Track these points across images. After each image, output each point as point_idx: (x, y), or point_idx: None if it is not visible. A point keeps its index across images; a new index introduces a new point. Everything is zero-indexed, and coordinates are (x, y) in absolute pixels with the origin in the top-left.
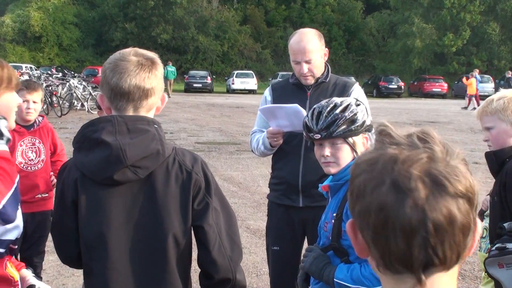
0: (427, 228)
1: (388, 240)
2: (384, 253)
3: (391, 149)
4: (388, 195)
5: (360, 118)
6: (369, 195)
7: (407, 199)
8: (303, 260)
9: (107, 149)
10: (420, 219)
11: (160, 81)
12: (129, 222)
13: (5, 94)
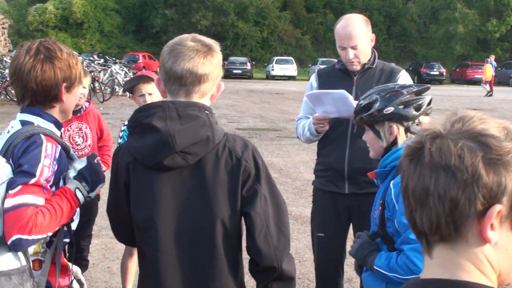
0: None
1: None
2: None
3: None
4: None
5: (376, 106)
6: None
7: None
8: (352, 246)
9: (157, 134)
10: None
11: (216, 68)
12: (178, 207)
13: (77, 88)
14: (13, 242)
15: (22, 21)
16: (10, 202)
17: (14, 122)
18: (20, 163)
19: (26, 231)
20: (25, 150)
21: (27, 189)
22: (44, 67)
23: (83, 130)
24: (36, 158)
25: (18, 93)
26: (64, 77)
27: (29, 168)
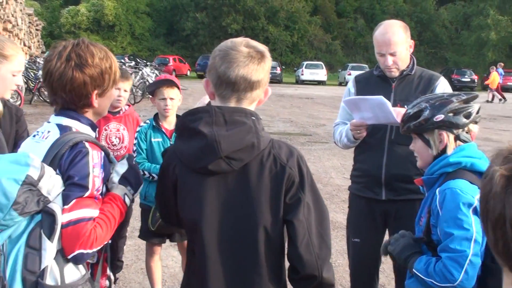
0: None
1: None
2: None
3: None
4: None
5: (426, 115)
6: None
7: None
8: (392, 243)
9: (203, 139)
10: None
11: (267, 74)
12: (221, 211)
13: (110, 91)
14: (75, 257)
15: (54, 23)
16: (67, 217)
17: (49, 126)
18: (70, 175)
19: (87, 246)
20: (72, 160)
21: (82, 203)
22: (74, 75)
23: (121, 131)
24: (85, 169)
25: (50, 97)
26: (95, 85)
27: (81, 180)
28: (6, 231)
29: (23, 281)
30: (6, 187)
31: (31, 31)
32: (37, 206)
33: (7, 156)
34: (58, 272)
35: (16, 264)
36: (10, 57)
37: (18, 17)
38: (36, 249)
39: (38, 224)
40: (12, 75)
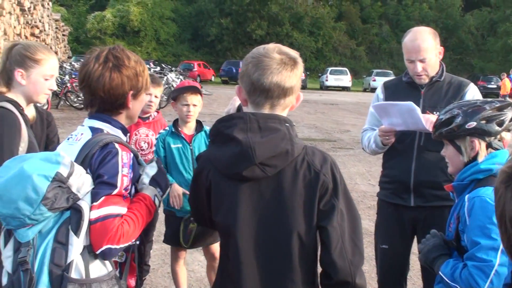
0: None
1: None
2: None
3: None
4: None
5: (458, 121)
6: None
7: None
8: (423, 241)
9: (237, 146)
10: None
11: (299, 80)
12: (255, 217)
13: (143, 94)
14: (103, 252)
15: (80, 29)
16: (96, 214)
17: (82, 129)
18: (100, 173)
19: (115, 241)
20: (103, 160)
21: (110, 200)
22: (112, 75)
23: (149, 137)
24: (115, 168)
25: (87, 99)
26: (131, 85)
27: (110, 178)
28: (37, 226)
29: (50, 274)
30: (37, 182)
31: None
32: (67, 203)
33: (38, 154)
34: (83, 266)
35: (44, 258)
36: (42, 61)
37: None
38: (63, 244)
39: (67, 220)
40: (44, 79)
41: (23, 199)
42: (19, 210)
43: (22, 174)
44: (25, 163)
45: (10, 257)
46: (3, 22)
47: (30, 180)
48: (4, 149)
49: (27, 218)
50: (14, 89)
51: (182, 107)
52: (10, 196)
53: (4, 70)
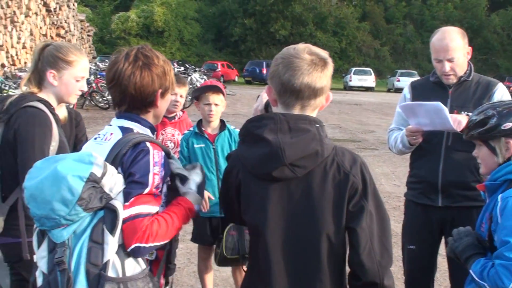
0: None
1: None
2: None
3: None
4: None
5: (493, 122)
6: None
7: None
8: (456, 239)
9: (267, 146)
10: None
11: (329, 81)
12: (284, 217)
13: (169, 93)
14: (132, 250)
15: (105, 29)
16: (127, 213)
17: (111, 128)
18: (131, 172)
19: (143, 240)
20: (134, 159)
21: (141, 199)
22: (142, 73)
23: (175, 136)
24: (146, 167)
25: (116, 98)
26: (160, 84)
27: (141, 178)
28: (71, 226)
29: (87, 274)
30: (72, 183)
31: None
32: (100, 203)
33: (71, 155)
34: (119, 265)
35: (80, 257)
36: (74, 62)
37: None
38: (99, 243)
39: (101, 220)
40: (75, 80)
41: (59, 200)
42: (54, 211)
43: (56, 175)
44: (59, 164)
45: (44, 258)
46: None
47: (65, 181)
48: (36, 148)
49: (63, 219)
50: (46, 89)
51: (204, 107)
52: (45, 197)
53: (36, 70)
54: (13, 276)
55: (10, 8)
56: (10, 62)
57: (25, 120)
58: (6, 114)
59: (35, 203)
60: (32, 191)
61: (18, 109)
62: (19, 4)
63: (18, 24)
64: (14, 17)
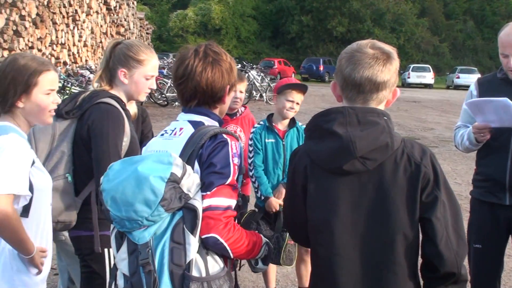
0: None
1: None
2: None
3: None
4: None
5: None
6: None
7: None
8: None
9: (337, 140)
10: None
11: (394, 75)
12: (356, 210)
13: (233, 90)
14: (207, 239)
15: (163, 27)
16: (207, 202)
17: (180, 123)
18: (212, 162)
19: (222, 233)
20: (213, 150)
21: (222, 191)
22: (214, 69)
23: (238, 133)
24: (226, 158)
25: (186, 94)
26: (228, 80)
27: (223, 168)
28: (152, 227)
29: (171, 274)
30: (154, 184)
31: (141, 34)
32: (180, 203)
33: (150, 156)
34: (202, 264)
35: (163, 258)
36: (144, 61)
37: (130, 21)
38: (180, 243)
39: (180, 220)
40: (145, 79)
41: (141, 201)
42: (137, 212)
43: (138, 176)
44: (138, 165)
45: (125, 260)
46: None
47: (148, 182)
48: (110, 143)
49: (145, 220)
50: (117, 87)
51: (286, 102)
52: (126, 199)
53: (107, 68)
54: (83, 268)
55: (72, 7)
56: (71, 60)
57: (99, 116)
58: (79, 110)
59: (116, 205)
60: (112, 193)
61: (91, 105)
62: (80, 3)
63: (80, 22)
64: (76, 15)
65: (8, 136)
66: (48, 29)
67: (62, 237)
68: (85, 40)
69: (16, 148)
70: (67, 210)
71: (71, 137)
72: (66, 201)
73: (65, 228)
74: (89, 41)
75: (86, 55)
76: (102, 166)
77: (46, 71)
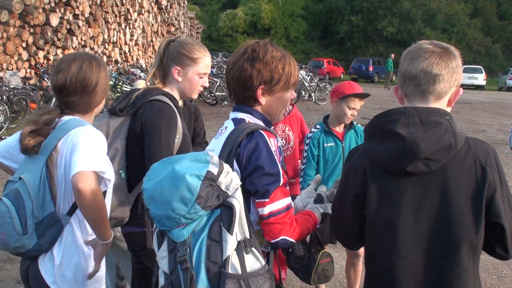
0: None
1: None
2: None
3: None
4: None
5: None
6: None
7: None
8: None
9: (400, 141)
10: None
11: (453, 72)
12: (419, 212)
13: (279, 92)
14: (277, 243)
15: (213, 26)
16: (268, 209)
17: (227, 122)
18: (259, 165)
19: (289, 233)
20: (254, 150)
21: (278, 193)
22: (244, 65)
23: (286, 132)
24: (271, 156)
25: (229, 90)
26: (262, 80)
27: (271, 169)
28: (191, 225)
29: (207, 271)
30: (190, 182)
31: (192, 34)
32: (217, 201)
33: (187, 155)
34: (238, 262)
35: (200, 256)
36: (198, 59)
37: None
38: (217, 241)
39: (218, 218)
40: (199, 77)
41: (178, 199)
42: (174, 210)
43: (174, 175)
44: (176, 164)
45: (165, 258)
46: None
47: (184, 180)
48: (162, 140)
49: (182, 218)
50: (170, 85)
51: (347, 109)
52: (164, 197)
53: (161, 66)
54: (135, 265)
55: (124, 6)
56: (123, 59)
57: (152, 113)
58: (133, 107)
59: (155, 203)
60: (151, 192)
61: (145, 103)
62: (132, 2)
63: (131, 21)
64: (128, 15)
65: (87, 127)
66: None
67: (117, 233)
68: (136, 39)
69: (98, 137)
70: (120, 206)
71: (125, 134)
72: (120, 197)
73: (118, 224)
74: (140, 40)
75: (137, 53)
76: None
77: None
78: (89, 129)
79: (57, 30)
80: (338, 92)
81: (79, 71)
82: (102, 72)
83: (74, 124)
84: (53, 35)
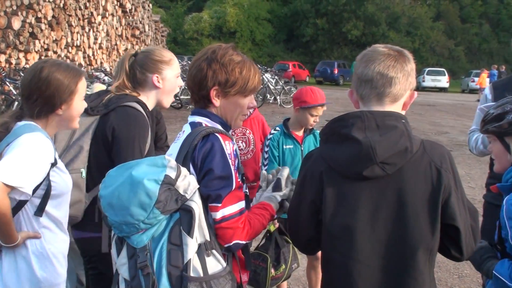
0: None
1: None
2: None
3: None
4: None
5: (510, 118)
6: None
7: None
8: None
9: (357, 145)
10: None
11: (408, 75)
12: (375, 216)
13: (234, 96)
14: (230, 247)
15: (178, 30)
16: (221, 213)
17: (185, 126)
18: (211, 168)
19: (242, 237)
20: (207, 153)
21: (231, 198)
22: (201, 65)
23: (247, 135)
24: (223, 160)
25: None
26: (216, 82)
27: (223, 172)
28: (150, 230)
29: (169, 275)
30: (148, 187)
31: (157, 37)
32: (176, 205)
33: (144, 160)
34: (200, 265)
35: (161, 260)
36: (170, 61)
37: (146, 24)
38: (177, 245)
39: (177, 222)
40: (175, 77)
41: (136, 205)
42: (133, 216)
43: (132, 180)
44: (133, 170)
45: (125, 264)
46: (106, 23)
47: (142, 185)
48: (135, 149)
49: (141, 223)
50: (147, 93)
51: (309, 117)
52: (122, 204)
53: (134, 79)
54: (90, 270)
55: (88, 10)
56: (86, 62)
57: (126, 120)
58: (105, 108)
59: (113, 210)
60: (108, 199)
61: (118, 106)
62: (96, 6)
63: (95, 25)
64: (91, 18)
65: (33, 134)
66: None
67: (72, 238)
68: (100, 42)
69: (36, 146)
70: (76, 204)
71: (92, 134)
72: (76, 196)
73: (71, 222)
74: (104, 43)
75: (101, 57)
76: None
77: (82, 76)
78: (33, 137)
79: (19, 34)
80: (300, 100)
81: (33, 75)
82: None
83: (24, 129)
84: (15, 38)
